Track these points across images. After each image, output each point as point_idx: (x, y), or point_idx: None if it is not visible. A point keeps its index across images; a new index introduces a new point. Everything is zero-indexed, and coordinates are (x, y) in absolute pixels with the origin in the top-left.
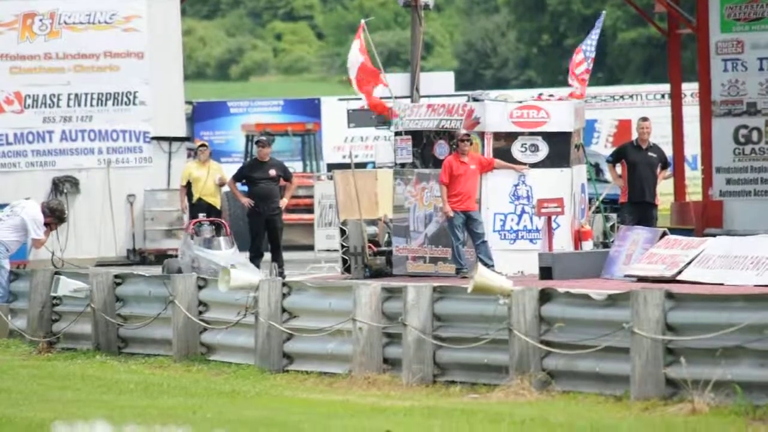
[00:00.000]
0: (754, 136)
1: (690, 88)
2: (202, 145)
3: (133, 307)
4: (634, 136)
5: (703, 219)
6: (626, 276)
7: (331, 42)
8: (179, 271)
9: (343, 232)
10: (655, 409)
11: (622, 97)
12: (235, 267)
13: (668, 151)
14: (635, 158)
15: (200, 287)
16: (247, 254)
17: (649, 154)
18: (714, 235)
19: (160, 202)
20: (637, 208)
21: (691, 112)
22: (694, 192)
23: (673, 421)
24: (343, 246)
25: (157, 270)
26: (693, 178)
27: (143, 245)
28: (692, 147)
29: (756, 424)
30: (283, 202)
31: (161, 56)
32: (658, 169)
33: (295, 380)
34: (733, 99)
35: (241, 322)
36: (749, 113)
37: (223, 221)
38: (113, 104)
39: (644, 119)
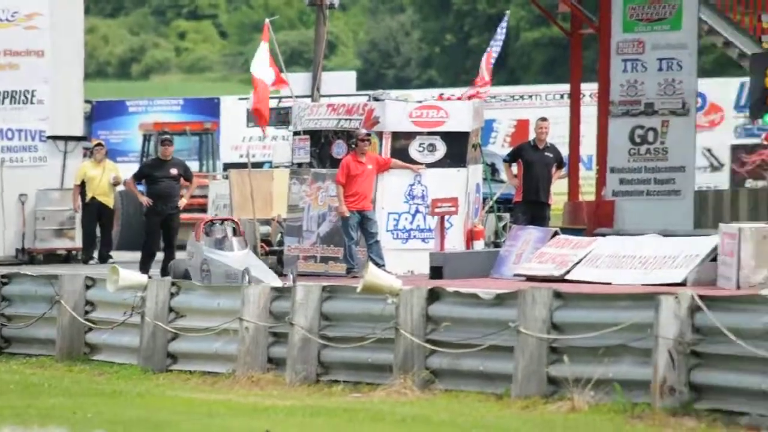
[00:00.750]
0: (650, 136)
1: (590, 89)
2: (98, 145)
3: (18, 306)
4: (532, 136)
5: (594, 219)
6: (516, 275)
7: (234, 41)
8: (186, 274)
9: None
10: (536, 407)
11: (521, 97)
12: (249, 270)
13: (564, 151)
14: (531, 158)
15: (88, 287)
16: (145, 254)
17: (546, 154)
18: (604, 235)
19: (53, 201)
20: (530, 207)
21: (590, 112)
22: (587, 192)
23: (552, 418)
24: None
25: (46, 270)
26: (587, 178)
27: (33, 245)
28: (588, 147)
29: (634, 422)
30: (183, 202)
31: (62, 55)
32: (554, 169)
33: (178, 380)
34: (632, 99)
35: (128, 321)
36: (647, 113)
37: (236, 220)
38: (10, 103)
39: (543, 119)
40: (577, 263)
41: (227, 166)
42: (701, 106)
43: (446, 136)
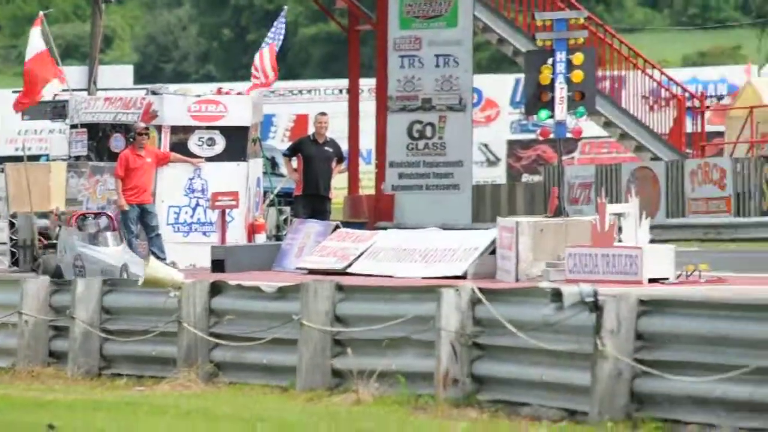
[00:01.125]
0: (428, 131)
1: (368, 84)
2: None
3: None
4: (312, 130)
5: (375, 212)
6: (298, 268)
7: (7, 34)
8: (57, 270)
9: (12, 224)
10: (321, 400)
11: (300, 92)
12: (128, 266)
13: (344, 146)
14: (311, 152)
15: None
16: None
17: (326, 148)
18: (385, 228)
19: None
20: (311, 201)
21: (368, 107)
22: (367, 186)
23: (337, 411)
24: (12, 239)
25: None
26: (367, 172)
27: None
28: (368, 141)
29: (417, 413)
30: None
31: None
32: (334, 163)
33: None
34: (409, 95)
35: None
36: (424, 109)
37: (110, 214)
38: None
39: (322, 114)
40: (359, 256)
41: (2, 159)
42: (477, 101)
43: (225, 131)
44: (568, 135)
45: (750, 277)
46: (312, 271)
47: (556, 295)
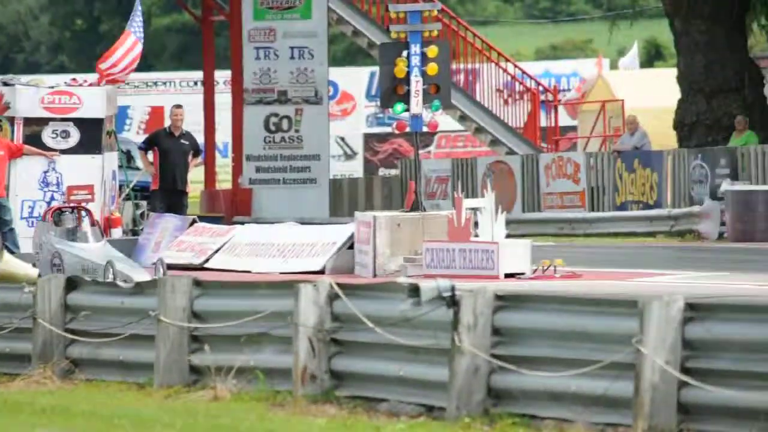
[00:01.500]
0: (285, 124)
1: (223, 76)
2: None
3: None
4: (167, 123)
5: (232, 207)
6: (154, 264)
7: None
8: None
9: None
10: (179, 396)
11: (155, 83)
12: (113, 264)
13: (200, 139)
14: (167, 145)
15: None
16: None
17: (182, 141)
18: (243, 223)
19: None
20: (167, 195)
21: (224, 99)
22: (224, 180)
23: (195, 407)
24: None
25: None
26: (224, 165)
27: None
28: (224, 135)
29: (275, 409)
30: None
31: None
32: (190, 157)
33: None
34: (265, 87)
35: None
36: (280, 101)
37: (88, 208)
38: None
39: (177, 106)
40: (217, 251)
41: None
42: (333, 94)
43: (80, 123)
44: (425, 128)
45: (604, 272)
46: (169, 266)
47: (414, 291)
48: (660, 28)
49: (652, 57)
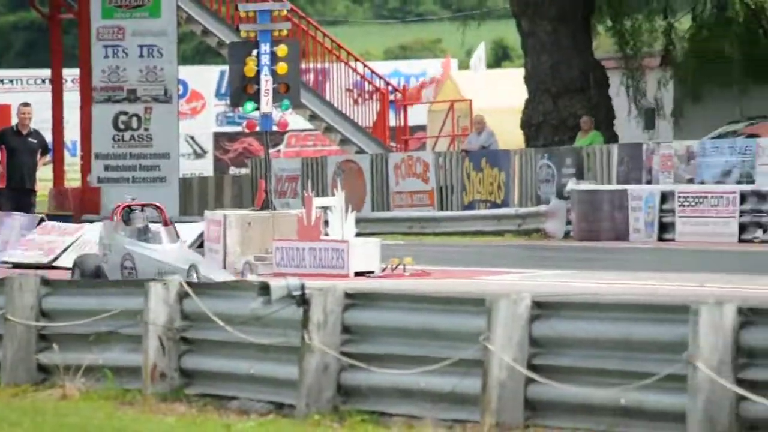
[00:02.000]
0: (134, 123)
1: (72, 74)
2: None
3: None
4: (15, 121)
5: (81, 205)
6: (2, 263)
7: None
8: (97, 271)
9: None
10: (26, 395)
11: (2, 81)
12: (197, 268)
13: (48, 137)
14: (15, 144)
15: None
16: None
17: (30, 140)
18: (91, 221)
19: None
20: (15, 194)
21: (73, 98)
22: (73, 178)
23: (43, 406)
24: None
25: None
26: (72, 164)
27: None
28: (73, 133)
29: (125, 408)
30: None
31: None
32: (38, 155)
33: None
34: (114, 85)
35: None
36: (129, 100)
37: (160, 206)
38: None
39: (25, 105)
40: (65, 250)
41: None
42: (183, 93)
43: None
44: (274, 128)
45: (453, 270)
46: (17, 265)
47: (264, 289)
48: (507, 29)
49: (499, 58)
